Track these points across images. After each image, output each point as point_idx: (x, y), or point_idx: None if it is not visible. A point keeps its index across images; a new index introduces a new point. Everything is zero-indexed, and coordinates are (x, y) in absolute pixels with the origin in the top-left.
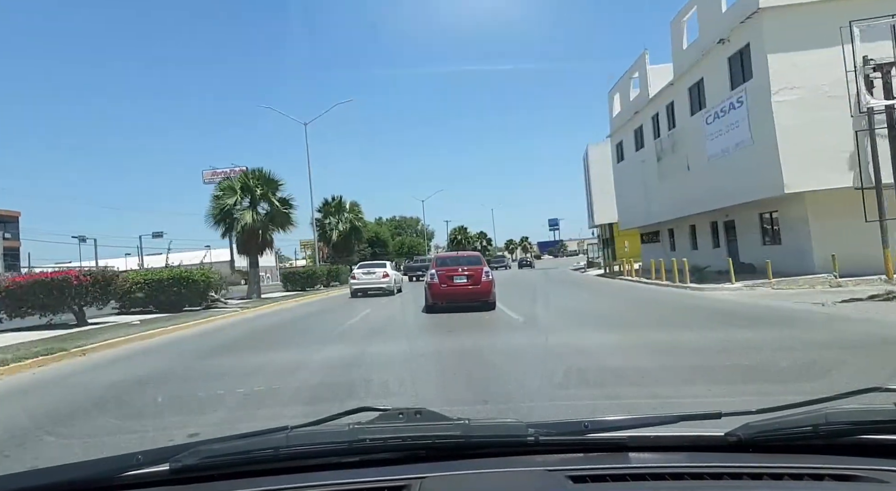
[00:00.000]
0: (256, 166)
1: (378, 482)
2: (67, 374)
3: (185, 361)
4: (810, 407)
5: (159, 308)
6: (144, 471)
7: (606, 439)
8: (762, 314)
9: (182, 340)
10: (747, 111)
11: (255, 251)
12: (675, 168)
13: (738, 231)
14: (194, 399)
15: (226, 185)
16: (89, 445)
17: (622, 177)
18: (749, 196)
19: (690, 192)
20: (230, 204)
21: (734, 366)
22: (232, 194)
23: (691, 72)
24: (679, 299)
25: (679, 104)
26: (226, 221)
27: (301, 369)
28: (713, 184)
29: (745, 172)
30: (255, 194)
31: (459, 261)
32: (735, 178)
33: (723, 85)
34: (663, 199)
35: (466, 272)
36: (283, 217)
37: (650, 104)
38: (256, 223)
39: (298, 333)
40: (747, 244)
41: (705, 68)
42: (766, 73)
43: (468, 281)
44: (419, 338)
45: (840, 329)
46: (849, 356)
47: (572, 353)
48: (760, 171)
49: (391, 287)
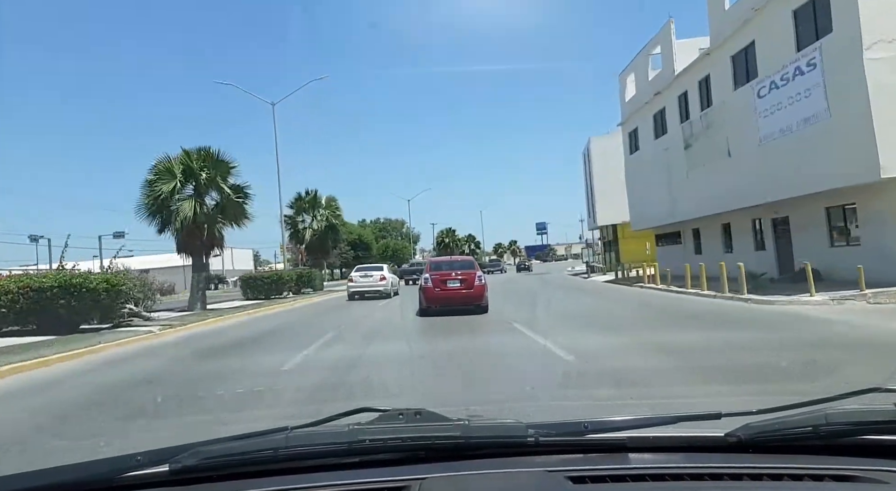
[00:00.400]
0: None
1: (378, 483)
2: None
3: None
4: (810, 407)
5: (43, 327)
6: (144, 472)
7: (606, 440)
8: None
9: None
10: (822, 76)
11: (200, 251)
12: (709, 155)
13: (792, 230)
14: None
15: (163, 167)
16: None
17: (636, 170)
18: (819, 185)
19: (731, 184)
20: (166, 191)
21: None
22: (170, 179)
23: (737, 36)
24: (761, 318)
25: (717, 77)
26: (162, 213)
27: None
28: (764, 172)
29: (815, 155)
30: (201, 179)
31: (453, 265)
32: (798, 163)
33: (784, 46)
34: (692, 194)
35: (460, 276)
36: (236, 208)
37: (676, 82)
38: (200, 216)
39: (205, 381)
40: (807, 245)
41: (758, 28)
42: (855, 23)
43: (461, 285)
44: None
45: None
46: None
47: None
48: (840, 152)
49: (388, 290)
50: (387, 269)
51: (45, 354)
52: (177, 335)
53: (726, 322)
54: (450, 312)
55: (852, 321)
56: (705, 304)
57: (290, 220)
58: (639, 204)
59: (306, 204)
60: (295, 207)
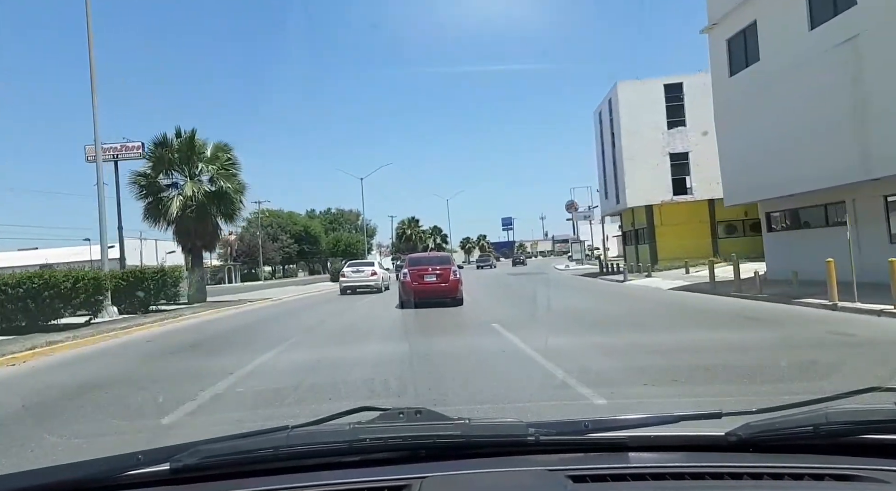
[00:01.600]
0: None
1: (378, 482)
2: None
3: None
4: (810, 407)
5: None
6: (144, 471)
7: (607, 439)
8: None
9: None
10: None
11: None
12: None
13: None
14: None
15: None
16: None
17: (746, 101)
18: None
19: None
20: None
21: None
22: None
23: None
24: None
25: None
26: None
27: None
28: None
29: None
30: None
31: (431, 261)
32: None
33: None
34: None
35: (437, 271)
36: None
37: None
38: None
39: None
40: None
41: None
42: None
43: (437, 279)
44: None
45: None
46: None
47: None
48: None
49: (379, 285)
50: (377, 264)
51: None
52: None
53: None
54: None
55: None
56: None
57: (146, 179)
58: (745, 161)
59: (174, 153)
60: (153, 157)
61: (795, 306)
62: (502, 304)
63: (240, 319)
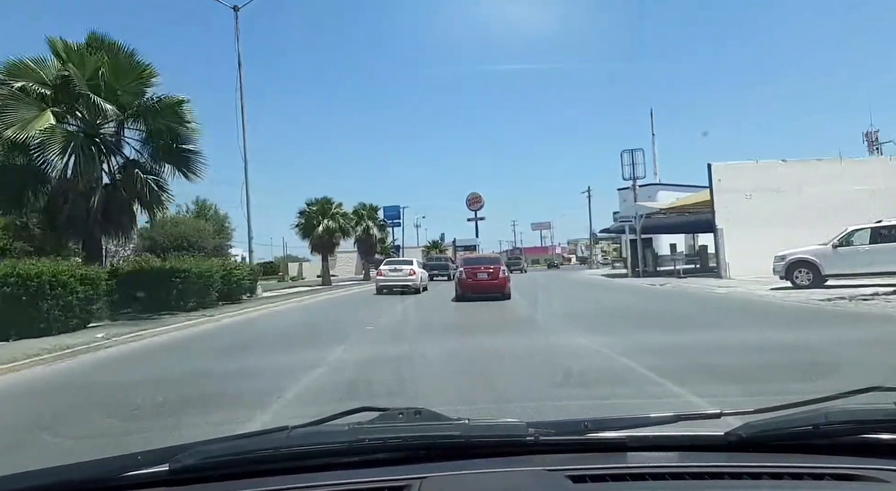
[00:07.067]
0: None
1: (378, 482)
2: None
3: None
4: (810, 406)
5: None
6: (144, 471)
7: (606, 439)
8: None
9: None
10: None
11: None
12: None
13: None
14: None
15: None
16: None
17: None
18: None
19: None
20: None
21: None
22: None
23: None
24: None
25: None
26: None
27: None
28: None
29: None
30: None
31: (482, 261)
32: None
33: None
34: None
35: (489, 270)
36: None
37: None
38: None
39: None
40: None
41: None
42: None
43: (489, 277)
44: None
45: None
46: None
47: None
48: None
49: (417, 285)
50: (416, 262)
51: None
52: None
53: None
54: None
55: None
56: None
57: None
58: None
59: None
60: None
61: None
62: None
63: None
